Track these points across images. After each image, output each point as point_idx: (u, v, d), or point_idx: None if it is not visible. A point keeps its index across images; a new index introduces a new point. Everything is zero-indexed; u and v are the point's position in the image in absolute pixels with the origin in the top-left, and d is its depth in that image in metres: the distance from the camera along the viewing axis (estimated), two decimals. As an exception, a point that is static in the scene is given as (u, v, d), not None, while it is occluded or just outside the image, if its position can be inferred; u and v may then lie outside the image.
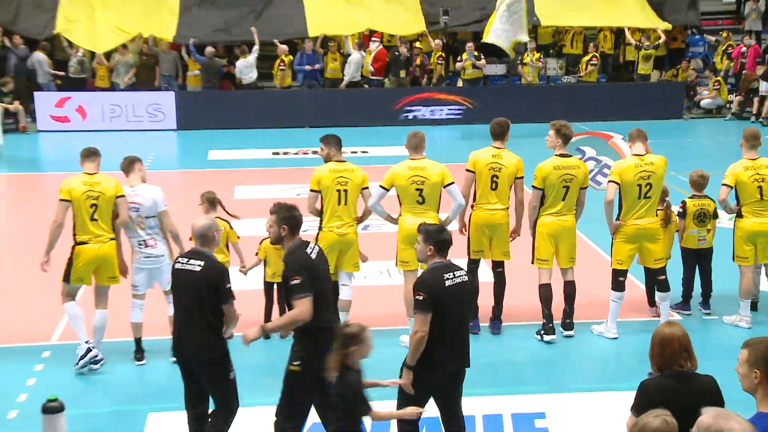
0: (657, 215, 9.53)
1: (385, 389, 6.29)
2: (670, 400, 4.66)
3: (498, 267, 9.58)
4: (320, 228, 9.03)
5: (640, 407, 4.93)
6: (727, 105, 23.13)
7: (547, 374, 8.84)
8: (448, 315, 6.19)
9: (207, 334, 6.48)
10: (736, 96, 22.78)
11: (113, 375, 8.69)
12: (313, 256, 6.48)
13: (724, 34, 23.73)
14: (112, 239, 8.85)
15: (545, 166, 9.29)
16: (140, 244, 8.87)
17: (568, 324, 9.52)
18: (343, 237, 8.97)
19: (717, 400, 4.75)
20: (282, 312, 9.11)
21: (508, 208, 9.44)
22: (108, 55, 22.67)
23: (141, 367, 8.60)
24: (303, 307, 6.19)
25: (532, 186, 9.36)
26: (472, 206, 9.51)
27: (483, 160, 9.36)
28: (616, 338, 9.51)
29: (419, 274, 6.66)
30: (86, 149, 9.20)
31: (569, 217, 9.34)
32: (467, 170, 9.45)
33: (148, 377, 8.56)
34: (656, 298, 9.81)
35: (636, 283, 10.43)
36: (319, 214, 9.05)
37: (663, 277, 9.57)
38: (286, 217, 6.48)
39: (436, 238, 6.40)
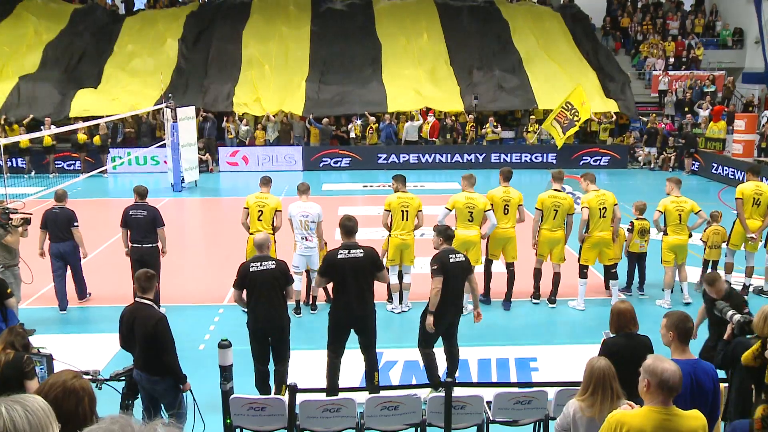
0: (610, 230, 9.37)
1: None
2: (622, 352, 4.65)
3: (510, 266, 9.50)
4: (390, 235, 9.07)
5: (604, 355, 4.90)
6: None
7: (538, 333, 8.72)
8: (450, 280, 6.44)
9: (283, 306, 6.47)
10: (660, 156, 22.41)
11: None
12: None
13: (653, 116, 23.45)
14: (271, 234, 8.95)
15: (543, 195, 9.37)
16: (303, 239, 8.94)
17: (553, 300, 9.49)
18: (404, 241, 9.00)
19: (650, 351, 4.70)
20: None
21: (515, 226, 9.39)
22: (259, 122, 23.12)
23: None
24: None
25: (535, 208, 9.39)
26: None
27: (498, 195, 9.30)
28: (583, 310, 9.37)
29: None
30: (262, 178, 9.52)
31: (559, 232, 9.29)
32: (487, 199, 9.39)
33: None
34: (609, 284, 9.64)
35: (597, 274, 10.26)
36: (389, 226, 9.07)
37: (614, 270, 9.49)
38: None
39: (445, 233, 6.72)
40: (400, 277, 9.30)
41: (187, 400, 5.61)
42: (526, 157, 22.32)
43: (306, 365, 7.19)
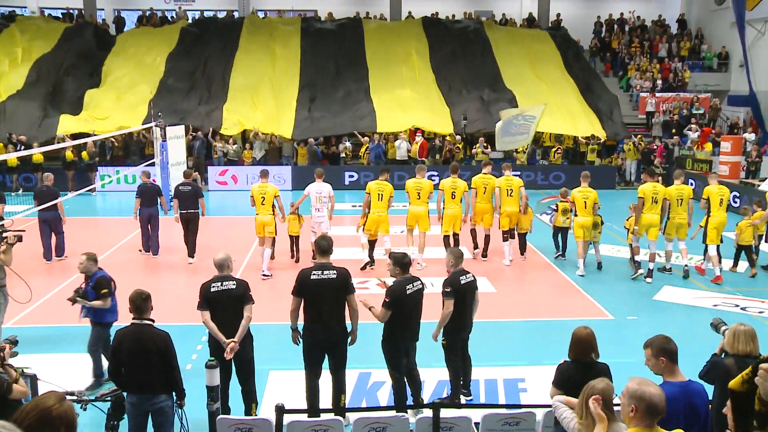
0: (519, 207, 12.50)
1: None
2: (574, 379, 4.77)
3: (455, 236, 12.43)
4: (369, 212, 11.91)
5: (558, 383, 5.00)
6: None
7: (526, 353, 8.73)
8: (406, 311, 6.37)
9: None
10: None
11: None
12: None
13: (639, 137, 23.72)
14: (270, 214, 11.71)
15: (476, 177, 12.76)
16: (316, 210, 12.13)
17: (485, 255, 12.98)
18: (380, 216, 11.93)
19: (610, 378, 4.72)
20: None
21: (461, 207, 12.31)
22: (247, 140, 23.21)
23: (266, 339, 8.20)
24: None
25: (470, 187, 12.55)
26: (443, 208, 12.28)
27: (447, 184, 12.28)
28: (509, 265, 12.56)
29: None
30: (261, 170, 12.31)
31: (489, 204, 12.63)
32: (439, 188, 12.39)
33: (271, 345, 8.30)
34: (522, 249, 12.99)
35: (588, 297, 10.28)
36: (368, 206, 11.89)
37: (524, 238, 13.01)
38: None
39: (401, 262, 6.49)
40: (376, 245, 12.18)
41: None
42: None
43: (291, 386, 7.13)
